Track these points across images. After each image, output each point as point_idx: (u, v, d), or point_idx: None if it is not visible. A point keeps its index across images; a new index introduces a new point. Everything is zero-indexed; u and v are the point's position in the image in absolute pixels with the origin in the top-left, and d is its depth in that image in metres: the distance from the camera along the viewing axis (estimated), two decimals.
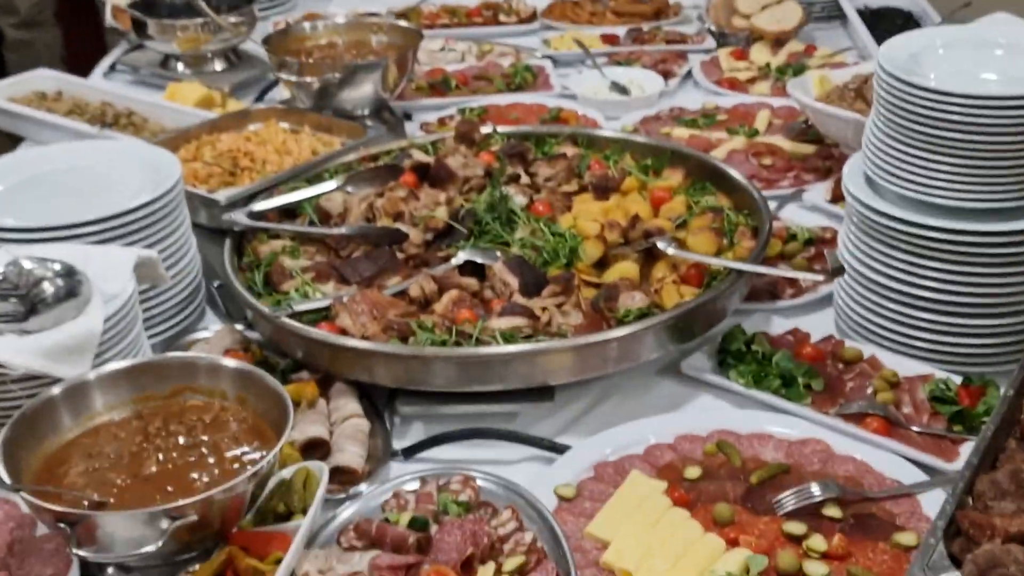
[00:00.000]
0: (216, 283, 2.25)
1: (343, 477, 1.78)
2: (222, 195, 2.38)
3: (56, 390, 1.65)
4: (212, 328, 2.15)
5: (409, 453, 1.87)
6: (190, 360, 1.73)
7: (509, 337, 1.89)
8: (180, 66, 3.35)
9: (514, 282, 2.04)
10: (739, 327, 2.07)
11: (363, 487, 1.76)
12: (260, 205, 2.30)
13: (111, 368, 1.70)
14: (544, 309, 1.98)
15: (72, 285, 1.75)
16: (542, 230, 2.19)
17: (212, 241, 2.31)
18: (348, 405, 1.90)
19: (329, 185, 2.36)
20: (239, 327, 2.09)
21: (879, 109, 1.96)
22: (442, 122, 3.02)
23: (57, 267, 1.77)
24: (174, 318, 2.14)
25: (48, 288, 1.73)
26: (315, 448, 1.82)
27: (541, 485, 1.74)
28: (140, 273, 1.90)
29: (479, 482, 1.72)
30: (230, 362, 1.72)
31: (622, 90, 3.16)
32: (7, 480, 1.49)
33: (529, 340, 1.89)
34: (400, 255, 2.17)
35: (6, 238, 1.94)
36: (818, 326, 2.13)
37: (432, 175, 2.38)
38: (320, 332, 1.92)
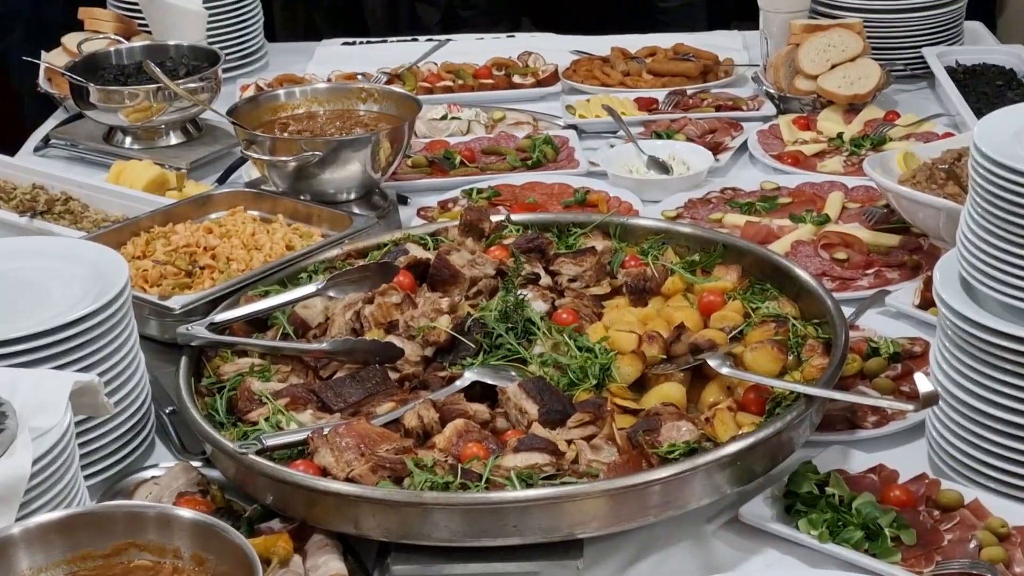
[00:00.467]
0: (169, 410, 2.27)
1: None
2: (177, 302, 2.40)
3: None
4: (163, 465, 2.16)
5: None
6: (137, 511, 1.72)
7: (527, 478, 1.89)
8: (128, 140, 3.37)
9: (533, 409, 2.05)
10: (810, 464, 2.07)
11: None
12: (223, 315, 2.31)
13: (40, 520, 1.68)
14: (570, 443, 1.98)
15: None
16: (567, 344, 2.21)
17: (164, 358, 2.32)
18: (329, 563, 1.88)
19: (307, 289, 2.38)
20: (196, 464, 2.11)
21: (975, 199, 1.98)
22: (444, 207, 3.06)
23: None
24: (117, 454, 2.15)
25: None
26: None
27: None
28: (77, 402, 1.89)
29: None
30: (185, 513, 1.71)
31: (662, 167, 3.18)
32: None
33: (552, 482, 1.89)
34: (394, 375, 2.18)
35: None
36: (908, 462, 2.12)
37: (432, 276, 2.39)
38: (295, 472, 1.92)
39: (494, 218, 2.58)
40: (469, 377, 2.14)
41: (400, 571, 1.90)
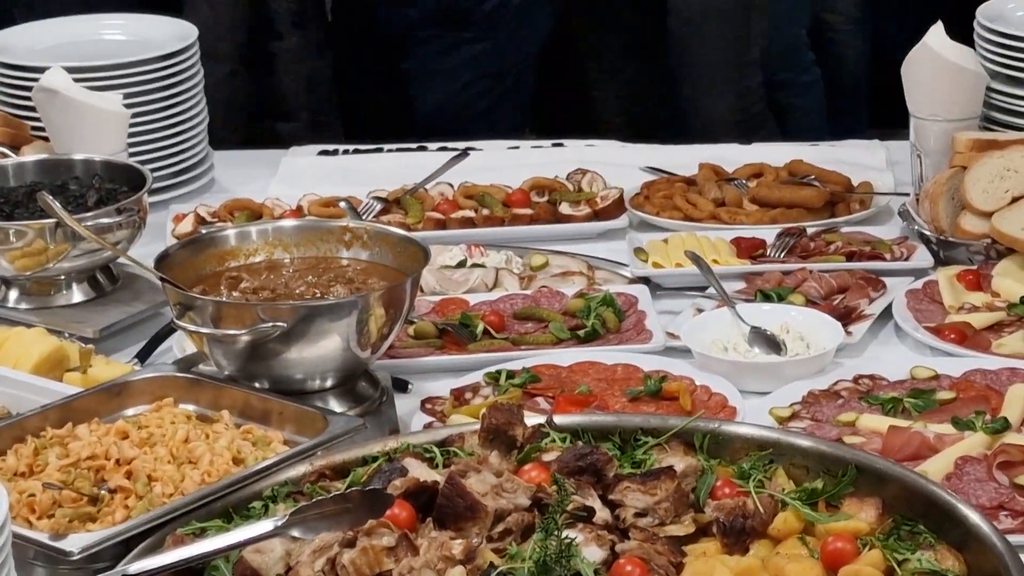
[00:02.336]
0: None
1: None
2: (75, 543, 2.37)
3: None
4: None
5: None
6: None
7: None
8: (12, 296, 3.40)
9: None
10: None
11: None
12: (142, 562, 2.29)
13: None
14: None
15: None
16: None
17: None
18: None
19: (262, 526, 2.35)
20: None
21: None
22: (460, 398, 3.09)
23: None
24: None
25: None
26: None
27: None
28: None
29: None
30: None
31: (771, 344, 3.21)
32: None
33: None
34: None
35: None
36: None
37: (441, 507, 2.39)
38: None
39: (530, 421, 2.59)
40: None
41: None
